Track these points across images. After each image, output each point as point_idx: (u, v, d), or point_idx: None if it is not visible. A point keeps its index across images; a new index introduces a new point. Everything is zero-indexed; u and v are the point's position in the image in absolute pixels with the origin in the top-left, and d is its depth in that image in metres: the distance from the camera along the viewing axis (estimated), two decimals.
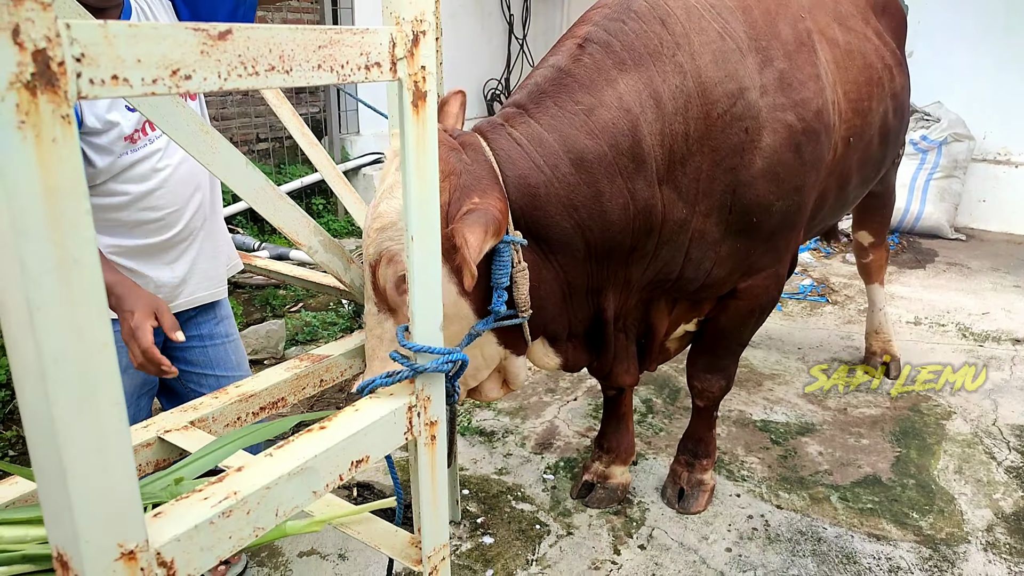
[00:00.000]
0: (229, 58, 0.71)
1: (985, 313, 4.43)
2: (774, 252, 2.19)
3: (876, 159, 2.63)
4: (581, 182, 1.79)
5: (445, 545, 1.15)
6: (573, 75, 1.85)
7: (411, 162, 0.96)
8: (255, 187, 1.55)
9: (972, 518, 2.57)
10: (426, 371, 1.04)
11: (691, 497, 2.61)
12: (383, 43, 0.87)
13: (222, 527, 0.80)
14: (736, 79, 1.94)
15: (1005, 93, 6.04)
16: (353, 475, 0.96)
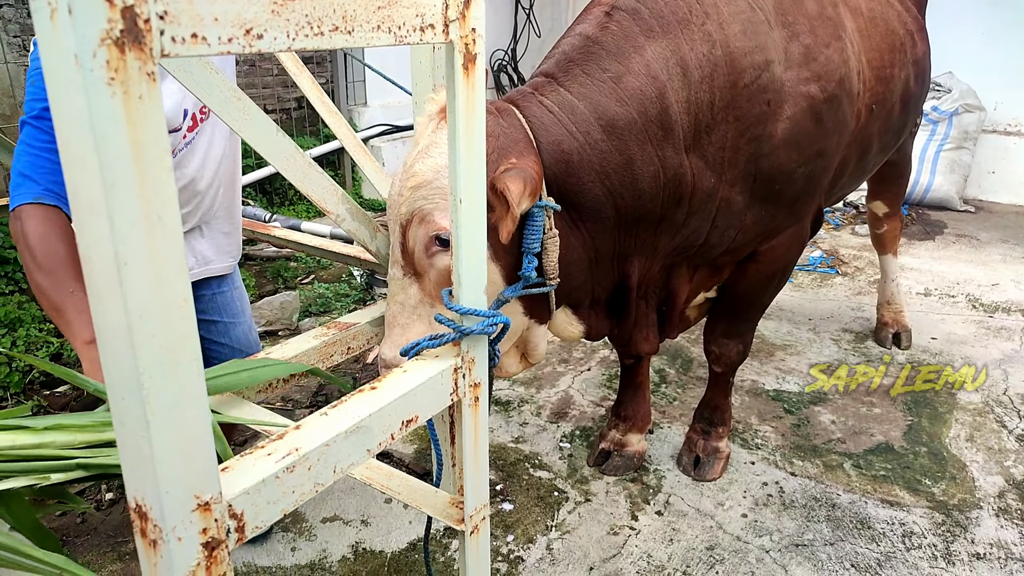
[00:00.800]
0: (297, 17, 0.71)
1: (995, 284, 4.44)
2: (795, 216, 2.21)
3: (897, 126, 2.64)
4: (613, 148, 1.81)
5: (486, 505, 1.17)
6: (601, 43, 1.86)
7: (460, 125, 0.96)
8: (285, 154, 1.56)
9: (984, 484, 2.60)
10: (472, 333, 1.05)
11: (707, 464, 2.65)
12: (437, 5, 0.87)
13: (286, 481, 0.82)
14: (764, 50, 1.95)
15: (1017, 64, 5.99)
16: (404, 434, 0.98)
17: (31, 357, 1.20)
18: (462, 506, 1.15)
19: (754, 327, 2.56)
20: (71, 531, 2.34)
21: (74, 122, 0.57)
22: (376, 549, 2.29)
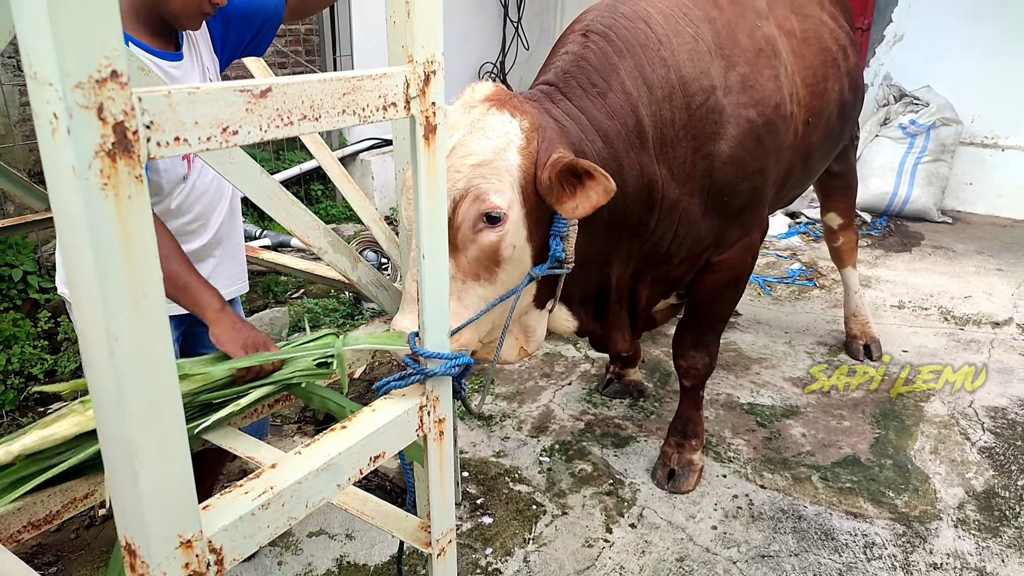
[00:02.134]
0: (269, 112, 0.81)
1: (967, 296, 4.57)
2: (743, 227, 2.43)
3: (835, 133, 2.88)
4: (609, 155, 2.02)
5: (452, 529, 1.27)
6: (587, 59, 2.08)
7: (422, 188, 1.06)
8: (270, 194, 1.66)
9: (945, 496, 2.71)
10: (436, 375, 1.15)
11: (681, 477, 2.76)
12: (398, 85, 0.97)
13: (261, 517, 0.91)
14: (709, 77, 2.19)
15: (993, 77, 6.12)
16: (372, 468, 1.07)
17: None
18: (430, 530, 1.24)
19: (718, 338, 2.74)
20: (65, 547, 2.42)
21: (72, 220, 0.67)
22: (360, 562, 2.38)
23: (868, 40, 6.55)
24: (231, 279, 2.19)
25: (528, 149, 1.78)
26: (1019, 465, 2.90)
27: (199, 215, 1.99)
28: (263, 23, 1.94)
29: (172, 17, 1.66)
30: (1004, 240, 5.66)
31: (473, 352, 1.91)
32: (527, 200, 1.79)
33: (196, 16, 1.68)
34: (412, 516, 1.31)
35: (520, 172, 1.77)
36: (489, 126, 1.76)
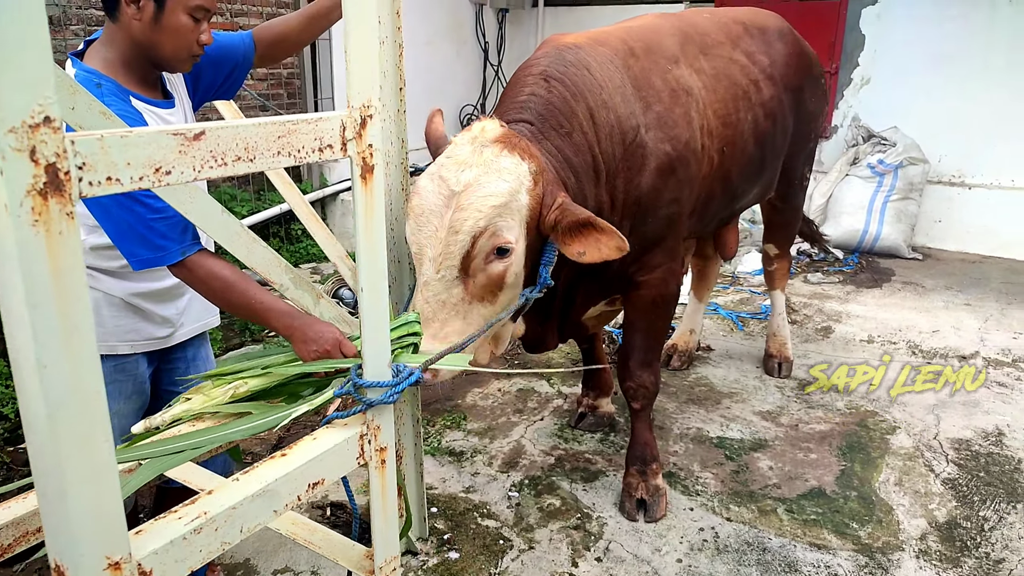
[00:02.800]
0: (202, 154, 0.86)
1: (935, 331, 4.65)
2: (665, 252, 2.67)
3: (756, 160, 3.07)
4: (578, 189, 2.26)
5: (396, 557, 1.29)
6: (554, 104, 2.29)
7: (361, 225, 1.11)
8: (231, 232, 1.71)
9: (908, 527, 2.74)
10: (376, 404, 1.19)
11: (653, 505, 2.80)
12: (334, 128, 1.03)
13: (193, 542, 0.94)
14: (635, 116, 2.44)
15: (958, 118, 6.31)
16: (311, 495, 1.10)
17: None
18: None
19: (658, 357, 2.92)
20: None
21: (4, 254, 0.72)
22: None
23: (836, 83, 6.76)
24: (202, 314, 2.23)
25: (535, 191, 2.02)
26: (981, 496, 2.94)
27: None
28: (233, 67, 2.01)
29: (166, 63, 1.73)
30: (972, 276, 5.78)
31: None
32: (529, 234, 2.05)
33: (188, 59, 1.75)
34: (358, 545, 1.33)
35: (528, 211, 2.01)
36: (505, 169, 1.97)
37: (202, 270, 1.68)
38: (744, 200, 3.30)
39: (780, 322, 4.10)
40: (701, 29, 2.97)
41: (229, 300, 1.70)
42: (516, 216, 1.97)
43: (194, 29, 1.67)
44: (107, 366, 1.92)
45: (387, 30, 2.05)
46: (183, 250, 1.65)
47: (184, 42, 1.68)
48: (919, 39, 6.34)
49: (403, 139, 2.19)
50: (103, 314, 1.87)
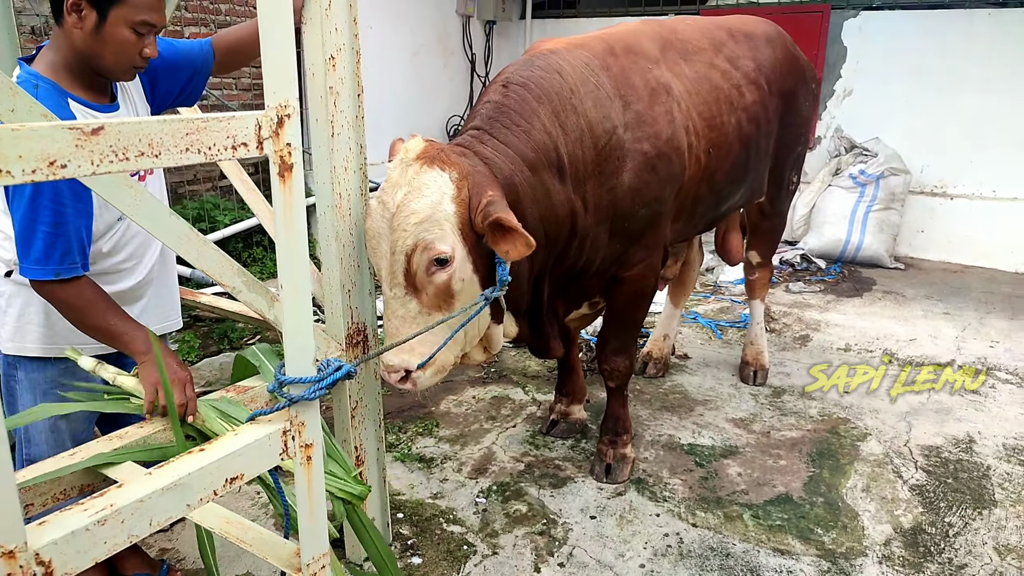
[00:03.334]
0: (102, 148, 0.88)
1: (912, 339, 4.66)
2: (645, 248, 2.75)
3: (741, 162, 3.14)
4: (538, 182, 2.31)
5: (324, 555, 1.30)
6: (508, 106, 2.35)
7: (281, 223, 1.13)
8: (178, 235, 1.72)
9: (872, 533, 2.75)
10: (300, 400, 1.20)
11: (616, 470, 3.08)
12: (249, 127, 1.05)
13: (97, 533, 0.95)
14: (610, 119, 2.48)
15: (939, 129, 6.35)
16: (229, 490, 1.11)
17: None
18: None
19: (635, 343, 3.09)
20: None
21: None
22: None
23: (819, 94, 6.80)
24: (161, 318, 2.24)
25: (460, 197, 2.06)
26: (948, 502, 2.94)
27: (132, 255, 2.05)
28: (191, 75, 2.03)
29: (107, 72, 1.75)
30: (953, 285, 5.80)
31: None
32: (467, 239, 2.08)
33: (129, 70, 1.77)
34: (289, 543, 1.34)
35: (457, 218, 2.05)
36: (424, 184, 2.03)
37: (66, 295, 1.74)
38: (730, 203, 3.36)
39: (758, 331, 4.13)
40: (682, 36, 3.03)
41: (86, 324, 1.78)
42: (445, 225, 2.02)
43: (136, 43, 1.69)
44: (56, 369, 1.93)
45: (344, 38, 2.08)
46: (58, 271, 1.70)
47: (125, 56, 1.70)
48: (900, 51, 6.39)
49: (361, 144, 2.21)
50: (52, 318, 1.88)
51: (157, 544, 2.67)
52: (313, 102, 2.08)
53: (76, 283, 1.73)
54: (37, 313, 1.88)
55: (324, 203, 2.16)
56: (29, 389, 1.92)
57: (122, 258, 2.00)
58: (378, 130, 6.67)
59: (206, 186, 5.64)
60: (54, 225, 1.66)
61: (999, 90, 6.03)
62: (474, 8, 7.65)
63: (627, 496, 2.97)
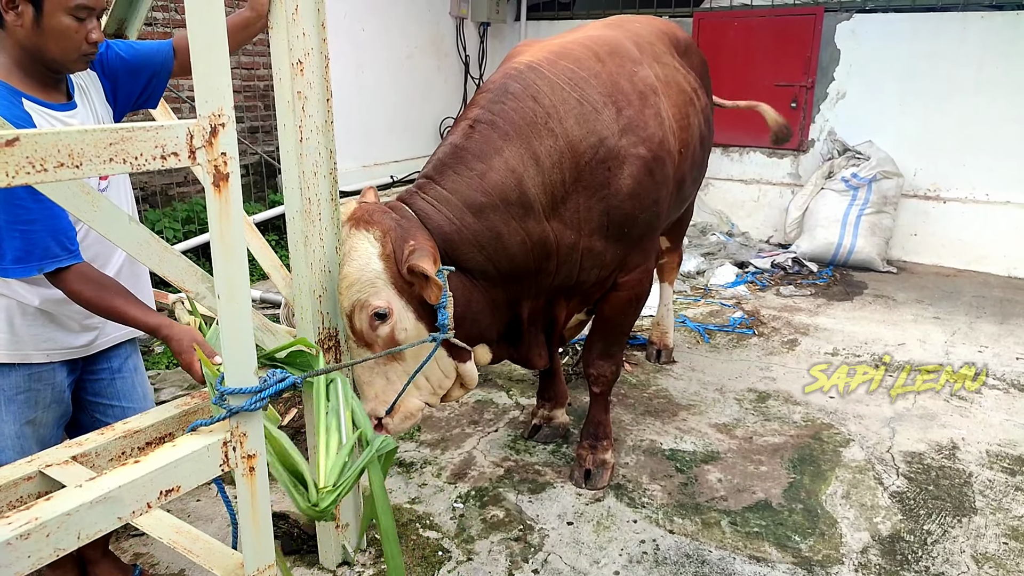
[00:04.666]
0: (17, 160, 0.87)
1: (901, 344, 4.64)
2: (643, 252, 2.80)
3: (700, 162, 3.28)
4: (483, 227, 2.34)
5: (270, 566, 1.29)
6: (467, 149, 2.40)
7: (216, 232, 1.12)
8: (138, 241, 1.71)
9: (850, 540, 2.73)
10: (240, 411, 1.19)
11: (596, 476, 3.06)
12: (179, 136, 1.04)
13: (20, 547, 0.94)
14: (596, 133, 2.47)
15: (931, 133, 6.33)
16: (164, 502, 1.10)
17: None
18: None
19: (623, 349, 3.09)
20: None
21: None
22: None
23: (812, 98, 6.79)
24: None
25: (384, 252, 2.15)
26: (927, 510, 2.92)
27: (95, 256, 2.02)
28: (151, 77, 2.03)
29: (56, 64, 1.74)
30: (945, 289, 5.78)
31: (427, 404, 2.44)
32: (402, 291, 2.18)
33: (79, 59, 1.76)
34: (236, 553, 1.33)
35: (387, 273, 2.15)
36: (352, 248, 2.15)
37: (66, 286, 1.76)
38: (687, 203, 3.43)
39: (665, 312, 4.33)
40: (647, 39, 3.09)
41: (99, 309, 1.81)
42: (377, 282, 2.13)
43: (79, 29, 1.68)
44: (21, 374, 1.92)
45: (312, 42, 2.07)
46: (40, 266, 1.71)
47: (70, 43, 1.69)
48: (894, 54, 6.37)
49: (331, 149, 2.20)
50: (16, 322, 1.87)
51: (131, 549, 2.66)
52: (281, 107, 2.07)
53: (71, 272, 1.74)
54: (1, 319, 1.87)
55: (293, 208, 2.16)
56: None
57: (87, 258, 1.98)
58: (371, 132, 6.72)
59: (196, 188, 5.64)
60: (27, 223, 1.67)
61: (992, 93, 6.01)
62: (468, 10, 7.64)
63: (605, 502, 2.96)
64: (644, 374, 4.18)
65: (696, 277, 6.03)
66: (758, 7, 6.91)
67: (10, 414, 1.95)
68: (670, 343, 4.35)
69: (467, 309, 2.35)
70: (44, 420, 2.02)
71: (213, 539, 1.36)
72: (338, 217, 2.29)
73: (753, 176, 7.20)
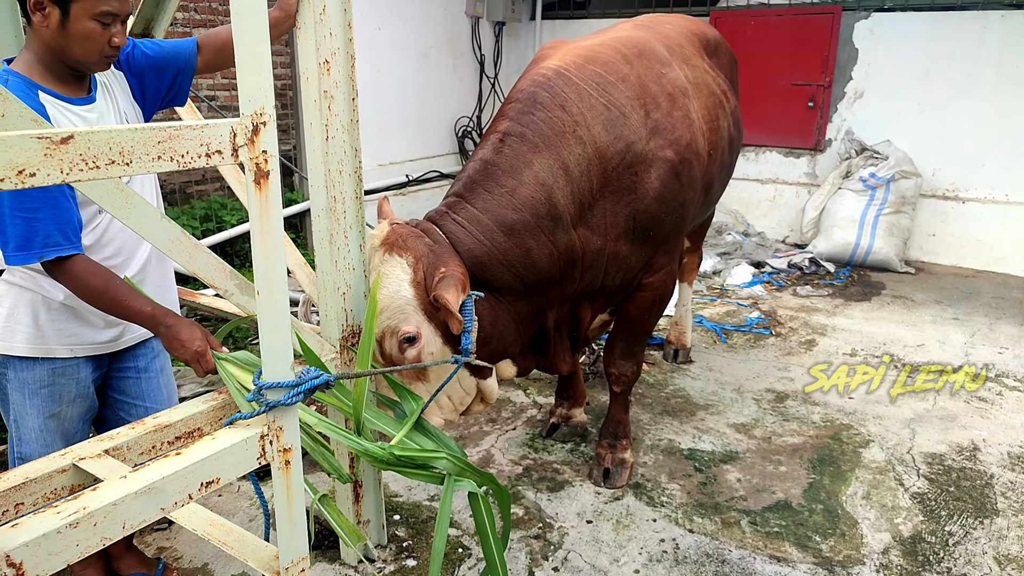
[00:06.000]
0: (71, 157, 0.89)
1: (920, 345, 4.62)
2: (668, 254, 2.81)
3: (728, 164, 3.28)
4: (513, 246, 2.35)
5: (304, 559, 1.31)
6: (497, 164, 2.41)
7: (256, 229, 1.14)
8: (170, 238, 1.73)
9: (871, 541, 2.72)
10: (277, 405, 1.21)
11: (615, 475, 3.06)
12: (223, 135, 1.06)
13: (69, 536, 0.96)
14: (623, 139, 2.48)
15: (950, 132, 6.28)
16: (204, 494, 1.12)
17: None
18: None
19: (644, 349, 3.11)
20: None
21: None
22: None
23: (830, 97, 6.76)
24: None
25: (416, 279, 2.20)
26: (949, 511, 2.91)
27: (119, 251, 2.04)
28: (176, 74, 2.05)
29: (78, 64, 1.77)
30: (964, 290, 5.74)
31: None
32: (431, 316, 2.21)
33: (101, 60, 1.78)
34: (270, 546, 1.35)
35: (417, 299, 2.20)
36: (385, 274, 2.20)
37: (65, 277, 1.78)
38: (712, 206, 3.42)
39: (683, 312, 4.32)
40: (676, 41, 3.08)
41: (97, 302, 1.82)
42: (407, 309, 2.18)
43: (102, 33, 1.71)
44: (45, 368, 1.94)
45: (339, 42, 2.09)
46: (41, 255, 1.72)
47: (94, 46, 1.72)
48: (912, 53, 6.33)
49: (356, 148, 2.21)
50: (40, 317, 1.90)
51: (155, 543, 2.69)
52: (307, 106, 2.09)
53: (71, 263, 1.75)
54: (26, 314, 1.90)
55: (319, 206, 2.18)
56: (18, 388, 1.94)
57: (109, 253, 2.00)
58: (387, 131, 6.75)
59: (214, 186, 5.68)
60: (31, 211, 1.69)
61: (1012, 93, 5.96)
62: (483, 9, 7.65)
63: (624, 501, 2.97)
64: (662, 374, 4.19)
65: (712, 277, 6.02)
66: (775, 6, 6.88)
67: (34, 407, 1.98)
68: (688, 343, 4.35)
69: (494, 329, 2.37)
70: (68, 415, 2.05)
71: (246, 532, 1.38)
72: (362, 215, 2.31)
73: (769, 176, 7.17)
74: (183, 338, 1.80)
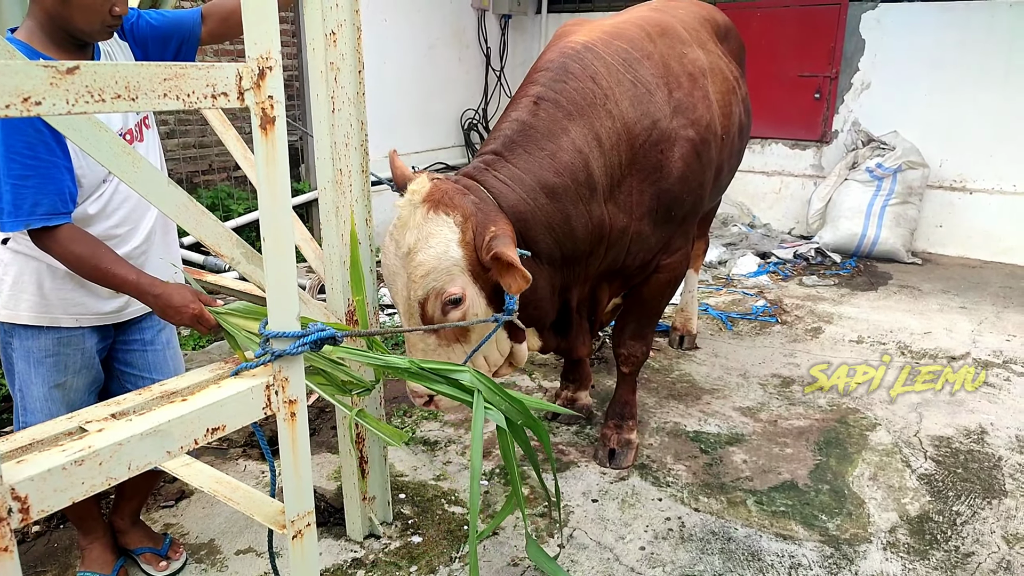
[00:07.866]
0: (77, 88, 0.89)
1: (927, 332, 4.60)
2: (685, 235, 2.84)
3: (738, 151, 3.27)
4: (555, 209, 2.33)
5: (309, 512, 1.30)
6: (534, 127, 2.37)
7: (262, 175, 1.14)
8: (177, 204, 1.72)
9: (878, 520, 2.71)
10: (283, 355, 1.21)
11: (621, 455, 3.06)
12: (229, 77, 1.06)
13: (75, 473, 0.96)
14: (649, 115, 2.48)
15: (958, 123, 6.25)
16: (210, 440, 1.12)
17: None
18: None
19: (654, 330, 3.13)
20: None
21: None
22: None
23: (837, 88, 6.73)
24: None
25: (465, 239, 2.11)
26: (956, 492, 2.89)
27: (124, 219, 2.03)
28: (180, 43, 2.05)
29: (80, 33, 1.77)
30: (971, 280, 5.71)
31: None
32: (477, 277, 2.15)
33: (102, 29, 1.78)
34: (275, 502, 1.35)
35: (465, 260, 2.12)
36: (430, 234, 2.10)
37: (53, 246, 1.77)
38: (722, 192, 3.41)
39: (689, 299, 4.30)
40: (691, 24, 3.07)
41: (86, 272, 1.81)
42: (454, 270, 2.11)
43: (104, 2, 1.71)
44: (50, 337, 1.95)
45: (345, 13, 2.09)
46: (28, 222, 1.72)
47: (95, 15, 1.72)
48: (919, 44, 6.30)
49: (363, 121, 2.21)
50: (45, 286, 1.90)
51: (162, 519, 2.70)
52: (314, 77, 2.09)
53: (59, 232, 1.75)
54: (31, 282, 1.90)
55: (324, 178, 2.18)
56: (23, 357, 1.95)
57: (114, 222, 1.99)
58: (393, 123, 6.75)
59: (221, 176, 5.69)
60: (21, 178, 1.69)
61: (1021, 83, 5.92)
62: (490, 2, 7.65)
63: (630, 481, 2.96)
64: (667, 359, 4.18)
65: (718, 267, 6.00)
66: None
67: (39, 376, 1.99)
68: (693, 329, 4.35)
69: (533, 293, 2.32)
70: (74, 385, 2.05)
71: (252, 488, 1.38)
72: (368, 190, 2.31)
73: (775, 168, 7.15)
74: (176, 304, 1.78)
